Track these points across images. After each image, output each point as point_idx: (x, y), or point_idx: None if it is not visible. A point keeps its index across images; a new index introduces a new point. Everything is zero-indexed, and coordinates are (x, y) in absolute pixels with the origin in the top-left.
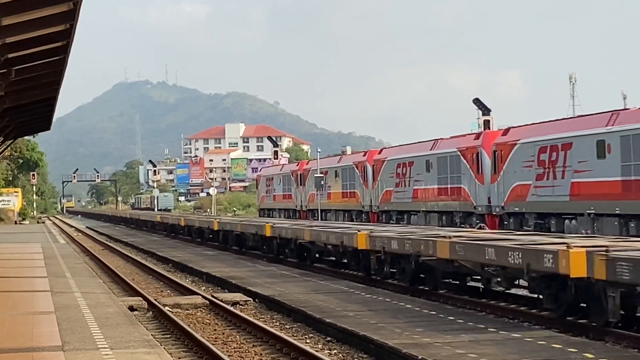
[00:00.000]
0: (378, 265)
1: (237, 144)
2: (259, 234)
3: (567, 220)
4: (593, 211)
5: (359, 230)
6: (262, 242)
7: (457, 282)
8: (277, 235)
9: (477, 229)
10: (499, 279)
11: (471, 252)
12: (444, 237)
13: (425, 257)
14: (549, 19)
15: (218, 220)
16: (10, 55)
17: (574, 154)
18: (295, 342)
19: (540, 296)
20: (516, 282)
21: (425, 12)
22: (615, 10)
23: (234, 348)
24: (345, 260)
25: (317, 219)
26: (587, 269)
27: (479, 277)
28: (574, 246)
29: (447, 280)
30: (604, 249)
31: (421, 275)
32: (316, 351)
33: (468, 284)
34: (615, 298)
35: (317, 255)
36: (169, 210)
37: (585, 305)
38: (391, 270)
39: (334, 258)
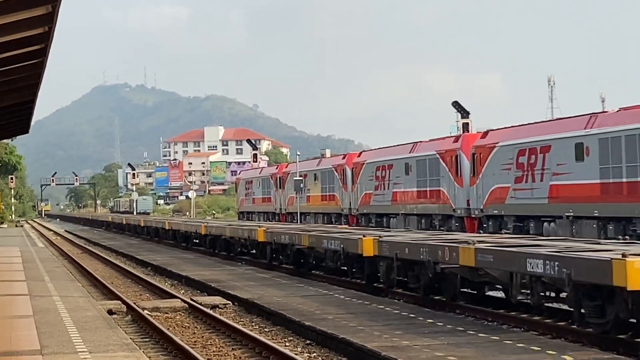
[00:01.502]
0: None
1: (216, 147)
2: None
3: (545, 223)
4: (572, 214)
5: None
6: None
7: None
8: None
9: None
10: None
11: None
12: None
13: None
14: (529, 22)
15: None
16: None
17: (553, 157)
18: (275, 345)
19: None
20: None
21: (405, 14)
22: (593, 13)
23: (213, 351)
24: None
25: (297, 222)
26: (374, 249)
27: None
28: (367, 235)
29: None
30: (379, 236)
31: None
32: (295, 354)
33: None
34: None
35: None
36: (148, 214)
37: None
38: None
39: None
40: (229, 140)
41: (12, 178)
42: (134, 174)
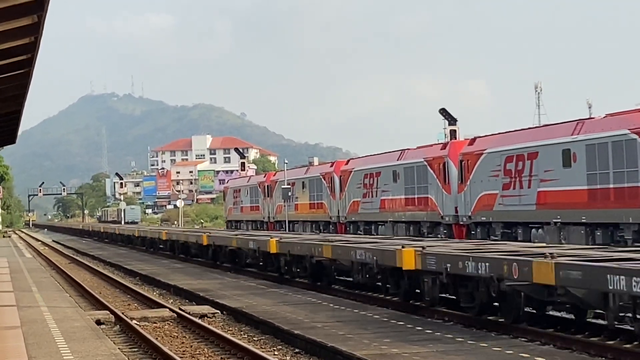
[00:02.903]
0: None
1: (204, 155)
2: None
3: (533, 230)
4: (559, 220)
5: None
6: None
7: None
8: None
9: None
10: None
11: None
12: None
13: None
14: (514, 28)
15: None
16: None
17: (540, 163)
18: (264, 354)
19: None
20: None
21: (390, 21)
22: (580, 19)
23: None
24: None
25: (285, 231)
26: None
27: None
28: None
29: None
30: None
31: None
32: None
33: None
34: None
35: None
36: (136, 223)
37: None
38: None
39: None
40: (217, 149)
41: None
42: (121, 184)
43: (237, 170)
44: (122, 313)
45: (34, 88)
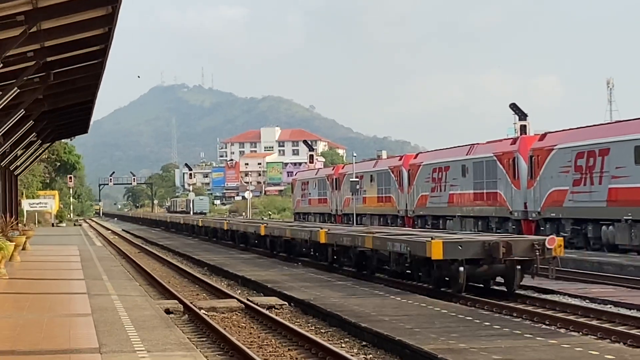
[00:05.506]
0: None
1: (272, 147)
2: None
3: (604, 226)
4: (630, 217)
5: None
6: None
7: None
8: None
9: None
10: None
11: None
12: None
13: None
14: (587, 23)
15: None
16: (49, 59)
17: (612, 160)
18: (331, 347)
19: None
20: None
21: (460, 16)
22: None
23: (270, 352)
24: None
25: (353, 224)
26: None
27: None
28: None
29: (479, 285)
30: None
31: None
32: (351, 355)
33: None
34: None
35: None
36: (205, 214)
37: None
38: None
39: None
40: (285, 141)
41: (70, 177)
42: (190, 174)
43: (305, 163)
44: (191, 303)
45: (106, 78)
